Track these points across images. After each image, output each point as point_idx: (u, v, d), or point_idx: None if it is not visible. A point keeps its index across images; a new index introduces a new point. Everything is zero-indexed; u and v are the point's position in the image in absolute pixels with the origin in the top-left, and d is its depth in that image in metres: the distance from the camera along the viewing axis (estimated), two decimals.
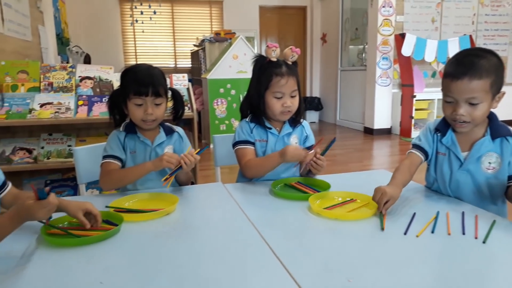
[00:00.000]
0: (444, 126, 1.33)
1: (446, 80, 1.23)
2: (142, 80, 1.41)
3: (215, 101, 5.33)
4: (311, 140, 1.65)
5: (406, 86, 5.96)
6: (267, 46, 1.55)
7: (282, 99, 1.51)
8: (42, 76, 2.74)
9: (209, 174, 3.99)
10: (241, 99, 5.38)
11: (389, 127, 6.28)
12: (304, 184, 1.46)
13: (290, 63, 1.54)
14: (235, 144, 1.60)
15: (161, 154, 1.48)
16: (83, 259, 0.90)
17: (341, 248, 0.95)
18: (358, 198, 1.28)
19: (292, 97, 1.53)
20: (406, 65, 5.89)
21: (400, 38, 5.78)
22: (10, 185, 1.19)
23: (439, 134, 1.35)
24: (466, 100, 1.20)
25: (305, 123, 1.67)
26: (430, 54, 5.76)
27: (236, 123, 5.44)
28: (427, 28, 6.23)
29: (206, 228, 1.10)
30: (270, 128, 1.58)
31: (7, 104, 2.53)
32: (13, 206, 0.92)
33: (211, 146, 1.44)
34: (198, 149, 1.40)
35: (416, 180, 1.46)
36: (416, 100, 5.81)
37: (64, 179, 2.84)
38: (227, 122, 5.42)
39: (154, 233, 1.05)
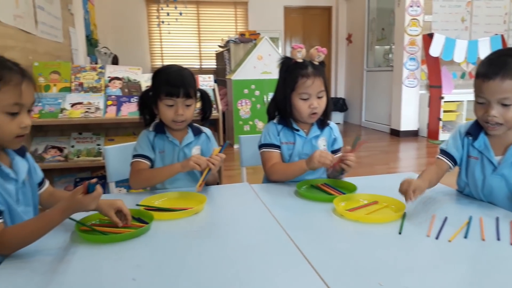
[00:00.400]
0: (476, 129, 1.30)
1: (478, 80, 1.20)
2: (174, 81, 1.43)
3: (239, 101, 5.36)
4: (340, 143, 1.64)
5: (434, 87, 5.83)
6: (293, 47, 1.54)
7: (309, 100, 1.50)
8: (73, 76, 2.82)
9: (233, 174, 4.00)
10: (265, 100, 5.39)
11: (416, 129, 6.16)
12: (330, 185, 1.44)
13: (316, 63, 1.53)
14: (260, 146, 1.60)
15: (188, 155, 1.51)
16: (115, 256, 0.92)
17: (369, 251, 0.94)
18: (384, 200, 1.26)
19: (319, 97, 1.52)
20: (434, 66, 5.77)
21: (428, 38, 5.66)
22: (47, 183, 1.23)
23: (470, 138, 1.31)
24: (498, 100, 1.17)
25: (333, 125, 1.65)
26: (459, 55, 5.62)
27: (260, 124, 5.44)
28: (457, 28, 6.08)
29: (234, 227, 1.11)
30: (298, 130, 1.57)
31: (40, 104, 2.61)
32: (62, 201, 0.96)
33: (237, 146, 1.45)
34: (219, 148, 1.41)
35: (447, 184, 1.43)
36: (444, 101, 5.67)
37: (93, 177, 2.91)
38: (251, 122, 5.44)
39: (183, 231, 1.06)
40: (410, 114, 6.11)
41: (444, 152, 1.35)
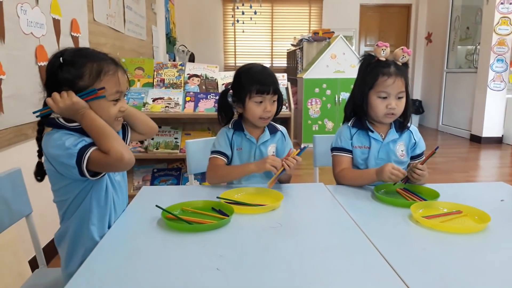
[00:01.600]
0: None
1: None
2: (265, 79, 1.47)
3: (309, 101, 5.32)
4: (421, 146, 1.57)
5: None
6: (377, 45, 1.50)
7: (387, 100, 1.45)
8: (155, 72, 2.99)
9: (300, 173, 3.98)
10: (336, 99, 5.30)
11: (500, 135, 5.70)
12: (410, 191, 1.39)
13: (399, 63, 1.48)
14: (332, 149, 1.59)
15: (264, 153, 1.54)
16: (199, 245, 0.96)
17: (455, 262, 0.89)
18: (466, 210, 1.18)
19: (398, 98, 1.47)
20: None
21: None
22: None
23: None
24: None
25: (413, 128, 1.58)
26: None
27: (329, 124, 5.37)
28: None
29: (312, 226, 1.11)
30: (373, 132, 1.53)
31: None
32: None
33: (311, 146, 1.45)
34: (298, 150, 1.41)
35: None
36: None
37: (169, 169, 3.07)
38: (320, 122, 5.38)
39: (262, 226, 1.08)
40: (494, 119, 5.66)
41: None
